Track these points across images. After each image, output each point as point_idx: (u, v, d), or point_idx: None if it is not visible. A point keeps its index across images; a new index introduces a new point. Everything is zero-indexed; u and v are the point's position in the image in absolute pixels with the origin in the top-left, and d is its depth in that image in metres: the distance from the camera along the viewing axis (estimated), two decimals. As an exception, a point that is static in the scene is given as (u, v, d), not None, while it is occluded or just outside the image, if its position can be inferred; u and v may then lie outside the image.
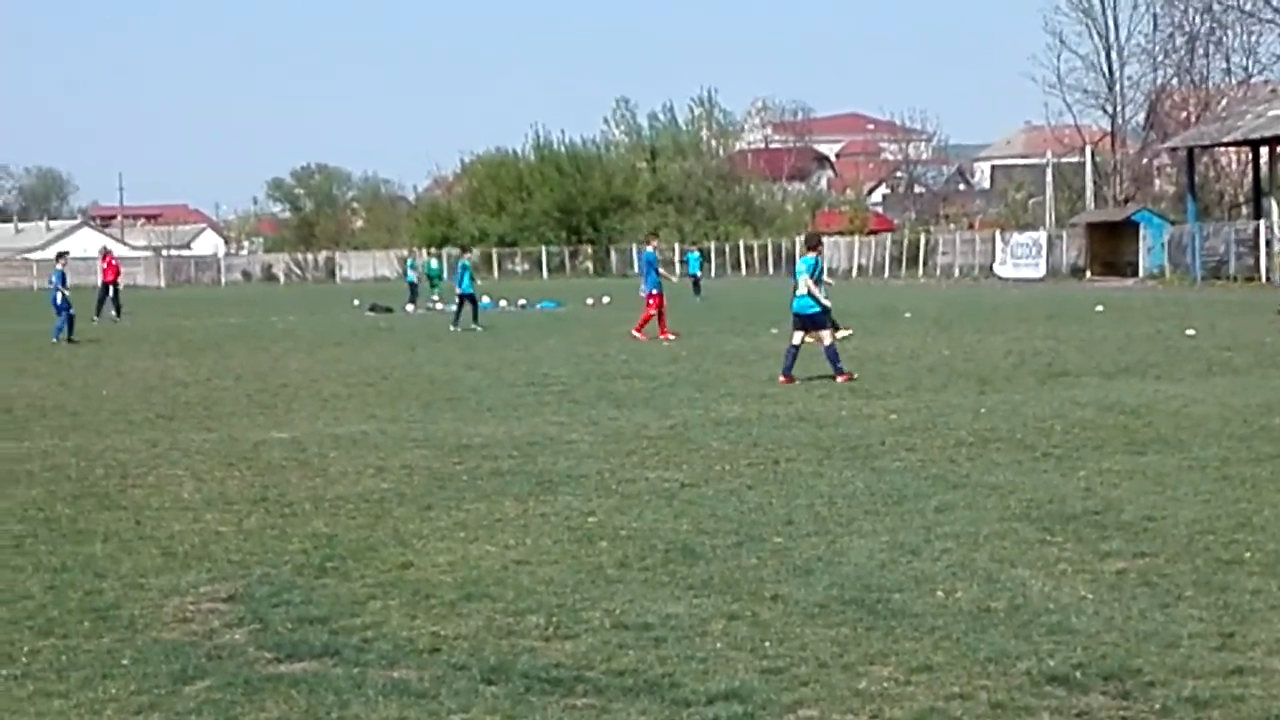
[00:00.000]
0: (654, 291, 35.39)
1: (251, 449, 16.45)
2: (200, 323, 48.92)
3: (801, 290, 23.24)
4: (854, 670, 7.63)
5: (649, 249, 37.83)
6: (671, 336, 34.25)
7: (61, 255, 43.01)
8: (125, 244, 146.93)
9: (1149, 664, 7.57)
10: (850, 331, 31.15)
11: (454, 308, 42.77)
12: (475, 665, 7.85)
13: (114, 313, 51.85)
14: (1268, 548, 10.11)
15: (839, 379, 22.42)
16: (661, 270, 36.72)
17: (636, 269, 36.79)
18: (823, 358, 22.99)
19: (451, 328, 40.78)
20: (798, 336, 23.19)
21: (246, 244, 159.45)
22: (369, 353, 32.56)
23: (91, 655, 8.26)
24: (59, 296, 39.45)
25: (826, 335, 23.21)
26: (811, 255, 23.86)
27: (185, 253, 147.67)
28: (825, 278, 23.74)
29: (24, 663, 8.14)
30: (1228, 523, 10.97)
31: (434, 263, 63.37)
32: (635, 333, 34.74)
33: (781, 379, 22.60)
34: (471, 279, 42.56)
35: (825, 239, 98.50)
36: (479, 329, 40.42)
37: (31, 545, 11.33)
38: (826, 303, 23.27)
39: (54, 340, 38.20)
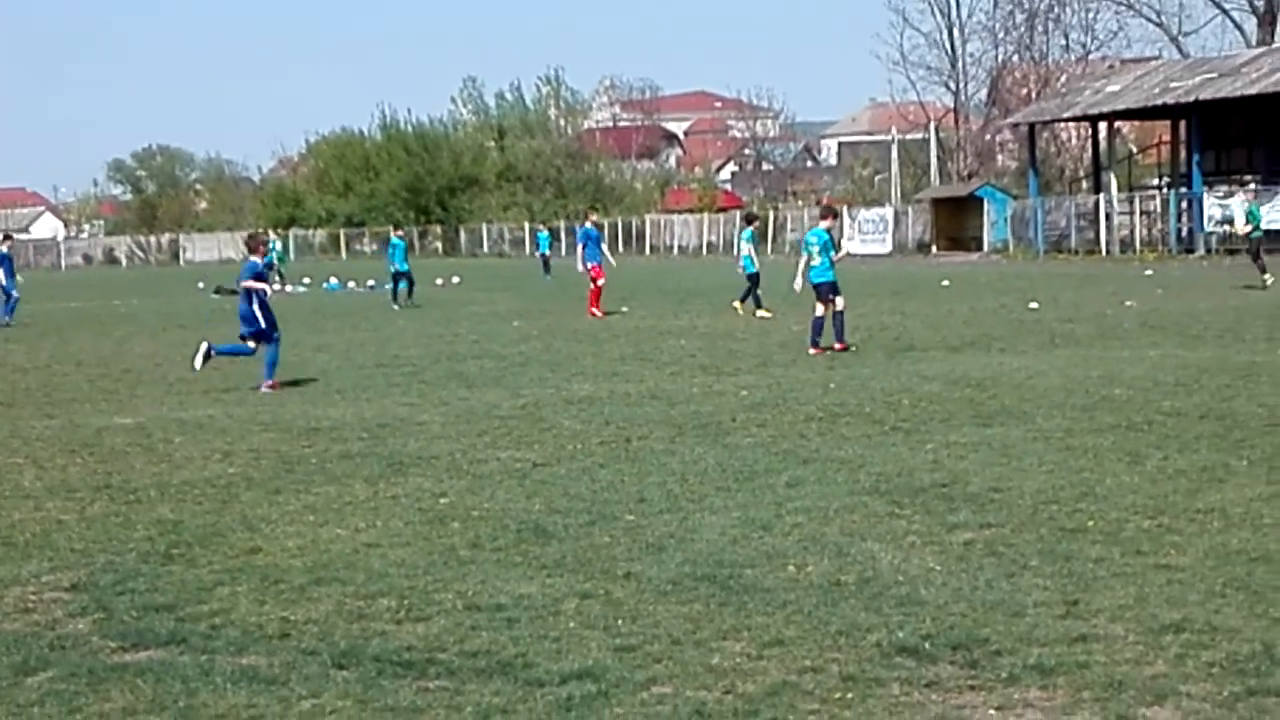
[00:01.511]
0: (594, 264, 35.11)
1: (94, 435, 16.14)
2: (40, 307, 47.74)
3: (816, 261, 23.64)
4: (707, 646, 7.65)
5: (588, 224, 37.45)
6: (599, 314, 33.89)
7: (7, 238, 42.38)
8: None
9: (996, 633, 7.67)
10: (771, 314, 31.26)
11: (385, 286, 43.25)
12: (326, 650, 7.76)
13: None
14: (1110, 516, 10.31)
15: (811, 350, 22.95)
16: (604, 247, 36.45)
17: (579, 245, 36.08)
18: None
19: (394, 306, 41.15)
20: (840, 301, 23.52)
21: (87, 227, 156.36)
22: (214, 336, 32.03)
23: (-71, 649, 8.05)
24: (3, 278, 38.94)
25: (820, 308, 23.48)
26: (822, 226, 24.06)
27: (23, 236, 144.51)
28: (827, 251, 23.93)
29: None
30: (1071, 492, 11.16)
31: (278, 244, 62.62)
32: (593, 311, 34.25)
33: (837, 345, 22.94)
34: (405, 257, 42.72)
35: (679, 217, 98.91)
36: (413, 304, 41.26)
37: None
38: (798, 281, 23.88)
39: (8, 323, 37.78)
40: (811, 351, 22.85)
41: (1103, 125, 71.24)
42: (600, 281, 34.90)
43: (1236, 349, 21.22)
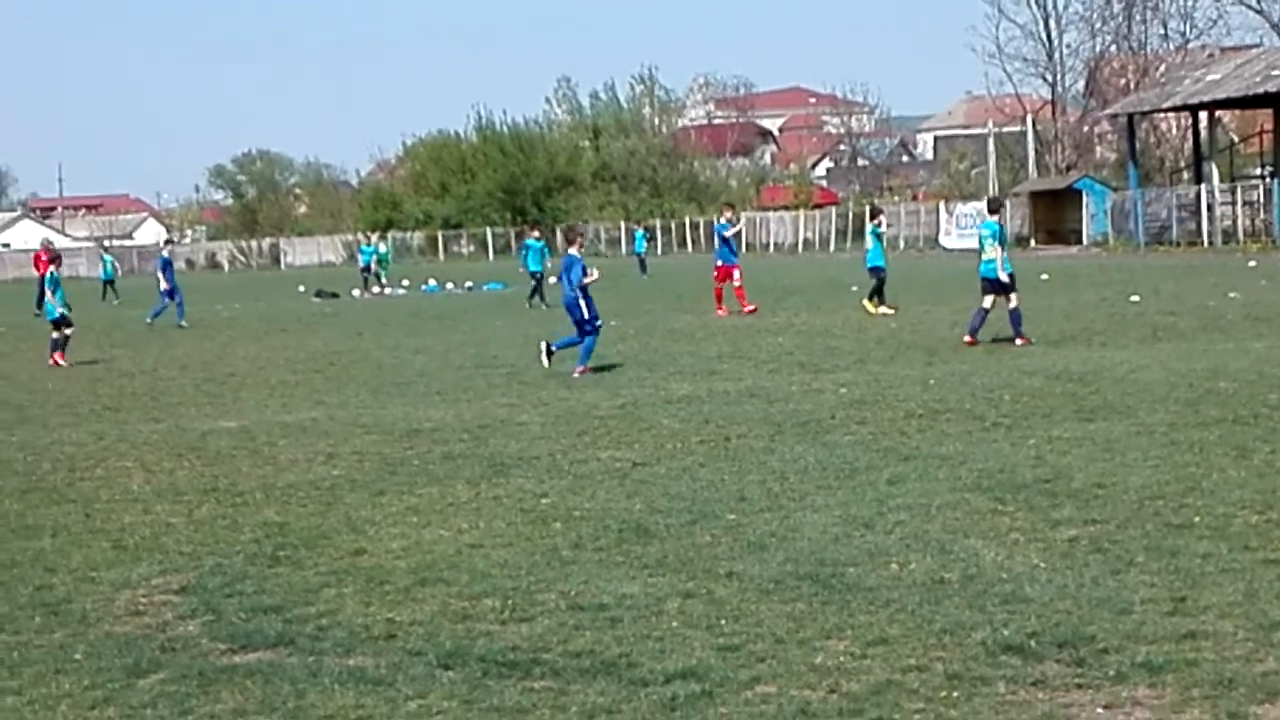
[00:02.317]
0: (726, 263, 34.08)
1: (200, 439, 16.35)
2: (144, 312, 48.53)
3: (989, 255, 23.47)
4: (810, 645, 7.64)
5: (723, 220, 36.73)
6: (723, 312, 33.22)
7: (169, 241, 43.71)
8: (66, 235, 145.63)
9: (1102, 631, 7.61)
10: (895, 310, 30.97)
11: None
12: (431, 650, 7.83)
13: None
14: (1217, 511, 10.19)
15: (1018, 341, 22.79)
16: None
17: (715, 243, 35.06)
18: (1004, 322, 23.27)
19: (529, 305, 41.28)
20: (988, 300, 23.44)
21: (189, 232, 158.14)
22: (316, 339, 32.40)
23: (43, 650, 8.20)
24: (164, 281, 39.88)
25: (1014, 298, 23.36)
26: (994, 219, 23.98)
27: (127, 243, 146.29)
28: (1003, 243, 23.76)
29: (-25, 661, 8.07)
30: (1176, 487, 11.04)
31: (382, 247, 62.95)
32: (744, 308, 33.40)
33: (967, 339, 22.94)
34: (539, 258, 42.77)
35: (766, 213, 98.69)
36: (543, 306, 40.73)
37: (-20, 542, 11.23)
38: (1004, 275, 23.25)
39: (180, 325, 38.47)
40: (966, 340, 22.81)
41: (1203, 115, 70.32)
42: (736, 281, 33.81)
43: (1344, 340, 20.89)
